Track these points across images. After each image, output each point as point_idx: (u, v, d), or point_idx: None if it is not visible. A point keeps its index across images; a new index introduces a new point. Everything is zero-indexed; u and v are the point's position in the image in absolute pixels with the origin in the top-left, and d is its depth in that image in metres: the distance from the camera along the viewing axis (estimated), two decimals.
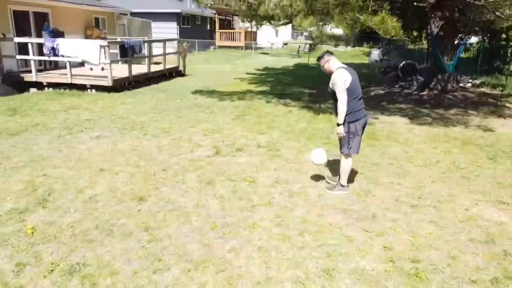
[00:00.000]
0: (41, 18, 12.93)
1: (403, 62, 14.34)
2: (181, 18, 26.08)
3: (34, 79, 11.34)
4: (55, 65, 12.78)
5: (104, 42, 10.84)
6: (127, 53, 12.07)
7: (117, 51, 13.16)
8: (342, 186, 4.64)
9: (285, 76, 16.62)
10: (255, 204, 4.31)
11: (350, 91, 4.25)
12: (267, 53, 30.60)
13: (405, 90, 12.35)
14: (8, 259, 3.17)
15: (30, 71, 11.37)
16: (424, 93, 11.65)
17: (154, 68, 13.80)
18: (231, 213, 4.09)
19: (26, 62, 11.80)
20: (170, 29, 25.82)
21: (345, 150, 4.51)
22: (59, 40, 10.94)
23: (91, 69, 12.25)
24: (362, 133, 4.54)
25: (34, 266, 3.10)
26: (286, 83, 14.53)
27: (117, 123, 7.67)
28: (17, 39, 11.23)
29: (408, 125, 8.25)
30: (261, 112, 8.92)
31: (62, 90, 11.32)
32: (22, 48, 11.38)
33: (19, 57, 11.40)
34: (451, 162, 5.88)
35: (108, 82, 11.00)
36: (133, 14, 20.06)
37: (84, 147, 6.09)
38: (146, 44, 13.09)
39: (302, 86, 13.68)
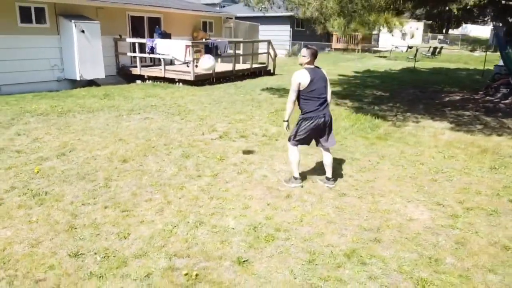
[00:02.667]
0: (154, 22, 15.49)
1: None
2: (295, 21, 27.19)
3: (138, 73, 13.81)
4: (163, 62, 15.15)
5: (189, 42, 12.64)
6: (212, 52, 13.71)
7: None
8: (295, 178, 4.88)
9: (374, 79, 16.41)
10: (202, 175, 5.19)
11: (308, 92, 4.51)
12: (384, 56, 29.73)
13: (487, 97, 11.32)
14: (8, 184, 4.71)
15: (136, 66, 13.86)
16: (507, 101, 10.59)
17: (240, 66, 15.23)
18: (177, 178, 5.06)
19: (141, 59, 14.31)
20: (282, 32, 27.18)
21: (289, 140, 4.89)
22: (157, 40, 13.16)
23: (188, 65, 14.26)
24: (321, 133, 4.74)
25: (20, 189, 4.58)
26: (367, 85, 14.46)
27: (171, 109, 9.19)
28: (129, 40, 13.83)
29: (442, 130, 7.91)
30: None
31: (158, 82, 13.53)
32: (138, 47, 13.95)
33: (129, 54, 14.01)
34: (438, 166, 5.76)
35: (191, 77, 12.78)
36: (244, 18, 21.97)
37: (126, 124, 7.68)
38: (230, 44, 14.59)
39: (380, 89, 13.51)
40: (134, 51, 13.84)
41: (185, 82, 13.13)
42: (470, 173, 5.56)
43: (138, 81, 14.02)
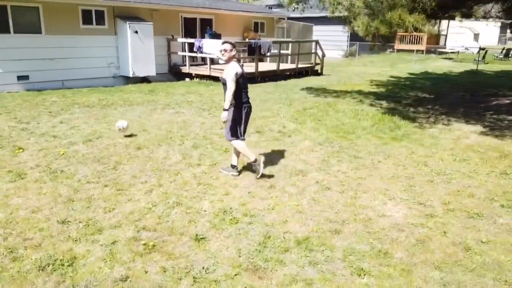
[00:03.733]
0: (206, 23, 16.27)
1: None
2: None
3: (187, 71, 14.64)
4: (212, 61, 15.87)
5: (232, 42, 13.14)
6: (255, 52, 14.13)
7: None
8: (233, 167, 5.21)
9: (426, 81, 15.77)
10: (202, 164, 5.60)
11: (239, 83, 4.81)
12: (450, 58, 28.16)
13: None
14: (35, 163, 5.48)
15: (185, 65, 14.70)
16: None
17: (285, 66, 15.49)
18: (178, 165, 5.51)
19: (193, 58, 15.14)
20: (338, 32, 26.84)
21: (228, 137, 5.12)
22: (203, 41, 13.87)
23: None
24: (245, 121, 5.14)
25: (42, 167, 5.31)
26: (415, 87, 13.98)
27: (203, 105, 9.74)
28: (179, 40, 14.70)
29: (470, 133, 7.58)
30: (333, 108, 9.52)
31: (204, 80, 14.25)
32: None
33: (179, 53, 14.88)
34: (442, 168, 5.64)
35: None
36: (299, 19, 22.14)
37: (156, 117, 8.34)
38: (275, 44, 14.89)
39: (427, 91, 13.03)
40: (185, 51, 14.67)
41: None
42: (475, 176, 5.38)
43: (187, 79, 14.84)
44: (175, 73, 15.15)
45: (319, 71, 17.01)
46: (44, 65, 11.79)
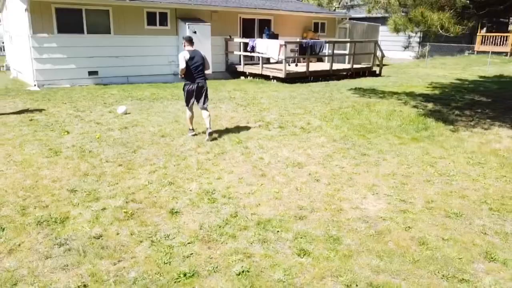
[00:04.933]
0: (264, 24, 16.78)
1: None
2: None
3: (241, 70, 15.30)
4: (267, 60, 16.37)
5: (282, 42, 13.52)
6: (306, 52, 14.32)
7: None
8: (190, 129, 6.96)
9: (492, 85, 14.71)
10: (211, 151, 6.08)
11: (189, 66, 6.51)
12: None
13: None
14: (72, 143, 6.38)
15: (240, 64, 15.37)
16: None
17: (339, 66, 15.45)
18: (188, 152, 6.07)
19: (250, 57, 15.75)
20: (409, 32, 25.72)
21: (185, 104, 6.93)
22: (257, 40, 14.40)
23: (289, 64, 15.18)
24: (198, 96, 6.76)
25: (76, 147, 6.20)
26: (476, 90, 13.16)
27: (243, 101, 10.24)
28: (236, 40, 15.40)
29: (505, 138, 7.15)
30: (369, 108, 9.46)
31: (256, 79, 14.79)
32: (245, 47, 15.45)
33: (236, 53, 15.58)
34: (448, 170, 5.54)
35: (282, 75, 13.67)
36: (364, 19, 21.75)
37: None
38: (328, 44, 14.92)
39: (487, 95, 12.22)
40: (241, 50, 15.33)
41: (278, 79, 14.06)
42: (480, 180, 5.20)
43: (242, 77, 15.49)
44: (231, 72, 15.88)
45: (377, 72, 16.64)
46: (111, 62, 13.17)
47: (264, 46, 14.05)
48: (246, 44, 14.94)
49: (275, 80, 14.18)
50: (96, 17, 12.69)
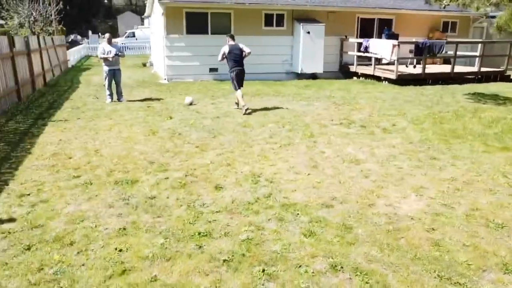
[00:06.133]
0: (384, 23, 16.32)
1: None
2: None
3: (354, 70, 15.25)
4: (379, 61, 15.95)
5: (396, 42, 13.07)
6: (423, 52, 13.52)
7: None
8: (241, 105, 8.71)
9: None
10: (279, 142, 6.58)
11: (227, 58, 8.71)
12: None
13: None
14: (170, 126, 7.55)
15: (354, 64, 15.33)
16: None
17: (463, 69, 14.20)
18: (257, 139, 6.67)
19: (368, 58, 15.57)
20: None
21: (233, 87, 8.97)
22: (370, 41, 14.18)
23: (406, 66, 14.62)
24: (239, 80, 8.88)
25: (172, 130, 7.33)
26: None
27: (339, 100, 10.41)
28: (351, 40, 15.37)
29: None
30: (475, 114, 8.74)
31: (368, 79, 14.61)
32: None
33: (350, 53, 15.56)
34: (479, 174, 5.05)
35: (393, 76, 13.26)
36: None
37: (285, 106, 9.59)
38: (450, 45, 13.78)
39: None
40: (355, 50, 15.28)
41: (389, 80, 13.65)
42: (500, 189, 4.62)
43: (354, 78, 15.44)
44: (344, 72, 15.94)
45: None
46: None
47: (377, 46, 13.79)
48: (360, 44, 14.82)
49: (386, 82, 13.82)
50: (219, 19, 14.15)
